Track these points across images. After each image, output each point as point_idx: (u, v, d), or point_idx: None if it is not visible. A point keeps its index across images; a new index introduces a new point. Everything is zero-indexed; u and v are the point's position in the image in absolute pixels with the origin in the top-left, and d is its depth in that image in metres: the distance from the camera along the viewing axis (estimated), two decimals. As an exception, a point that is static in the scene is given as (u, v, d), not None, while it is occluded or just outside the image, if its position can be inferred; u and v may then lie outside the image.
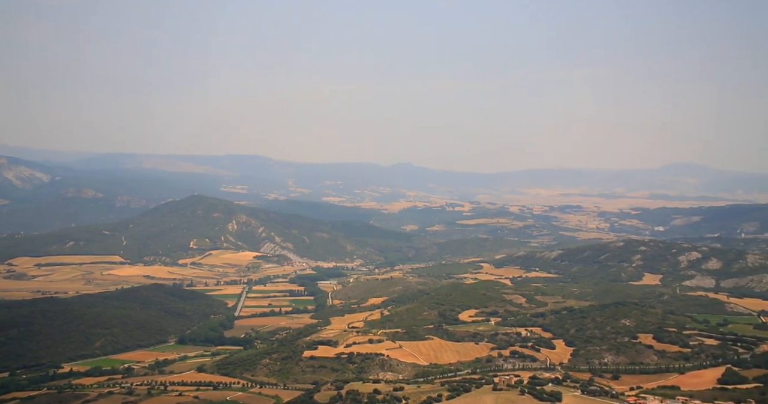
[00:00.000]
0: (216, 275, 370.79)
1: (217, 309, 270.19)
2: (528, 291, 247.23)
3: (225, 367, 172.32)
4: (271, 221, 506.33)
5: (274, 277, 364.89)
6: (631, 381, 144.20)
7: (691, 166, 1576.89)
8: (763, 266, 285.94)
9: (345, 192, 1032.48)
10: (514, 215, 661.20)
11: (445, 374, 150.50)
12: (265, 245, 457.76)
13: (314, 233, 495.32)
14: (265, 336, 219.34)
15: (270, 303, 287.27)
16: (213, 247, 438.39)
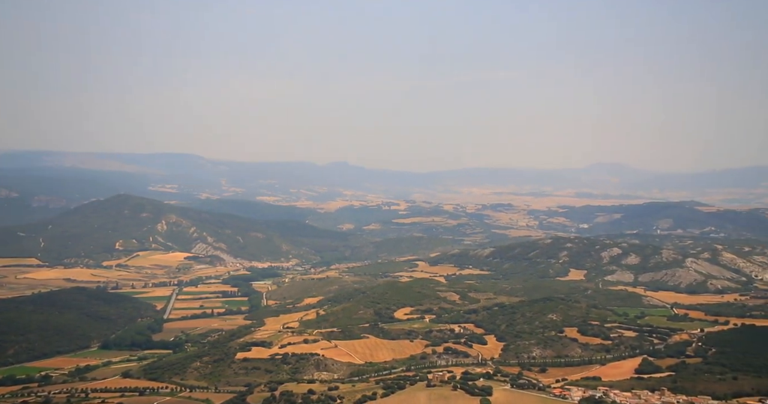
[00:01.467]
0: (144, 277, 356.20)
1: (144, 311, 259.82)
2: (461, 288, 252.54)
3: (153, 372, 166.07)
4: (203, 220, 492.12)
5: (207, 278, 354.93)
6: (557, 374, 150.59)
7: (614, 166, 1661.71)
8: (676, 261, 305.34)
9: (280, 191, 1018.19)
10: (449, 213, 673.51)
11: (380, 372, 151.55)
12: (196, 246, 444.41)
13: (249, 233, 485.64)
14: (197, 339, 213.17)
15: (202, 304, 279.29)
16: (141, 248, 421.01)
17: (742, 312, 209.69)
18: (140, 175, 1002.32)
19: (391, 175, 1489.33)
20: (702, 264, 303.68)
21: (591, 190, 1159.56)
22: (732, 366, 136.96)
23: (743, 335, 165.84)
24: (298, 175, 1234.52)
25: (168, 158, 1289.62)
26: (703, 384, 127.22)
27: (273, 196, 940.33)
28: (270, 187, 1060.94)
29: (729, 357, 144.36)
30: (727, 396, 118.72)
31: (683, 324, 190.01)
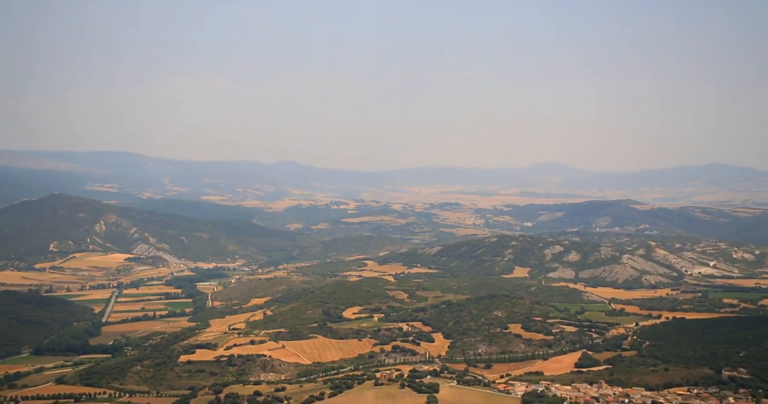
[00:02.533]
0: (80, 279, 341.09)
1: (81, 315, 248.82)
2: (410, 287, 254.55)
3: (89, 377, 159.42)
4: (145, 221, 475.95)
5: (149, 280, 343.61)
6: (501, 369, 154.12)
7: (556, 165, 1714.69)
8: (613, 258, 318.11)
9: (227, 191, 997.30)
10: (398, 212, 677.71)
11: (328, 372, 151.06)
12: (138, 247, 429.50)
13: (193, 233, 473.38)
14: (137, 342, 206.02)
15: (143, 307, 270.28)
16: (77, 250, 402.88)
17: (674, 306, 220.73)
18: (77, 174, 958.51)
19: (340, 174, 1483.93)
20: (637, 261, 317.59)
21: (534, 189, 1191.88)
22: (663, 358, 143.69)
23: (674, 328, 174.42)
24: (245, 174, 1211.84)
25: (107, 156, 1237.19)
26: (638, 376, 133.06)
27: (219, 195, 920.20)
28: (216, 186, 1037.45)
29: (661, 350, 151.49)
30: (658, 387, 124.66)
31: (620, 319, 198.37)
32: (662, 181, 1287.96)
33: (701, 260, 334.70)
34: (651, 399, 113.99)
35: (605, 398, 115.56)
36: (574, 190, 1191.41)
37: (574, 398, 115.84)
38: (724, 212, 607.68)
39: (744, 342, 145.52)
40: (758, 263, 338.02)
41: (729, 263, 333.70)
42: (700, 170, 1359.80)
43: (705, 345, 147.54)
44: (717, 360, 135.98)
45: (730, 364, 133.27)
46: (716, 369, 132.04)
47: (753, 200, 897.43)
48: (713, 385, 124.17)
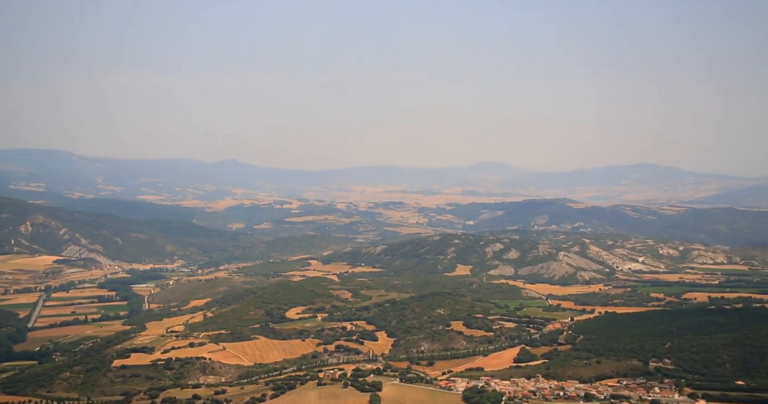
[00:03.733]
0: (4, 283, 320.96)
1: (5, 320, 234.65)
2: (354, 286, 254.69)
3: (13, 385, 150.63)
4: (75, 221, 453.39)
5: (80, 282, 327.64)
6: (443, 366, 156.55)
7: (496, 165, 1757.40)
8: (550, 255, 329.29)
9: (164, 190, 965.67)
10: (342, 211, 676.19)
11: (271, 373, 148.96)
12: (68, 248, 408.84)
13: (129, 234, 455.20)
14: (67, 348, 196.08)
15: (74, 310, 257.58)
16: (0, 252, 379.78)
17: (606, 301, 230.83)
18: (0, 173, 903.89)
19: (283, 173, 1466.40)
20: (573, 258, 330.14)
21: (476, 188, 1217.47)
22: (596, 352, 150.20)
23: (606, 322, 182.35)
24: (184, 173, 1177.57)
25: (34, 154, 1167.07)
26: (572, 370, 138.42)
27: (156, 195, 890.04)
28: (153, 185, 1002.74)
29: (594, 343, 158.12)
30: (591, 379, 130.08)
31: (556, 314, 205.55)
32: (596, 180, 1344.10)
33: (631, 257, 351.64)
34: (584, 391, 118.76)
35: (542, 392, 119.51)
36: (513, 189, 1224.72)
37: (512, 392, 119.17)
38: (652, 210, 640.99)
39: (669, 334, 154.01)
40: (682, 258, 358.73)
41: (656, 259, 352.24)
42: (629, 170, 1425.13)
43: (634, 338, 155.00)
44: (645, 352, 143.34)
45: (657, 356, 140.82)
46: (644, 360, 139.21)
47: (677, 198, 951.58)
48: (641, 376, 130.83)
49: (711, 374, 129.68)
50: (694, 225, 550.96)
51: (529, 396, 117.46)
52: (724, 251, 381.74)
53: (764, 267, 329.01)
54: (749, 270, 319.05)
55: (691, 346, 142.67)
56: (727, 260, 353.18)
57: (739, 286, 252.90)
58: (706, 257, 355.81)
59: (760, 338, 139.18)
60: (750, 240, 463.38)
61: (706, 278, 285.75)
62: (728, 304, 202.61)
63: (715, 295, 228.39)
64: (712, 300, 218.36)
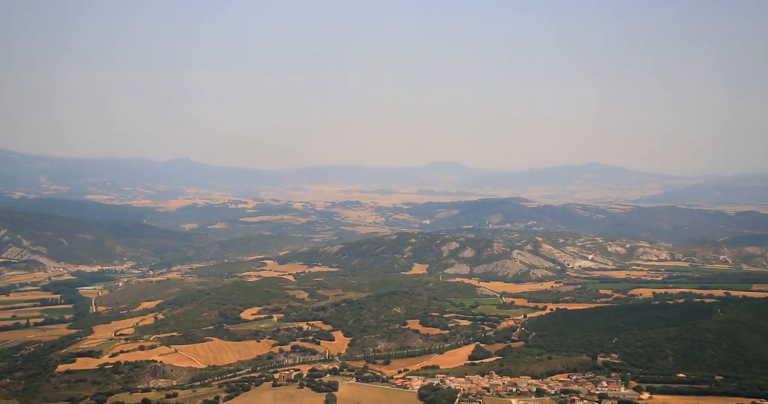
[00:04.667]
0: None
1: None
2: (310, 286, 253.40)
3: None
4: (16, 222, 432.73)
5: (21, 285, 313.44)
6: (400, 365, 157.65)
7: (451, 164, 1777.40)
8: (505, 253, 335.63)
9: (113, 190, 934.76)
10: (298, 211, 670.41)
11: (225, 375, 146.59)
12: (8, 250, 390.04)
13: (75, 235, 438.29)
14: (7, 353, 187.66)
15: (14, 314, 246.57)
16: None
17: (557, 298, 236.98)
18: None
19: (238, 172, 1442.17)
20: (526, 256, 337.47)
21: (433, 187, 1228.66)
22: (548, 347, 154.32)
23: (557, 318, 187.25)
24: (134, 172, 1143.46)
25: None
26: (525, 366, 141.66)
27: (105, 195, 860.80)
28: (101, 185, 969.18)
29: (546, 340, 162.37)
30: (543, 375, 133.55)
31: (510, 311, 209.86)
32: (548, 180, 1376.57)
33: (581, 254, 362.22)
34: (536, 386, 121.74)
35: (495, 388, 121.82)
36: (469, 188, 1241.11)
37: (467, 389, 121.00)
38: (601, 208, 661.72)
39: (616, 330, 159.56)
40: (629, 255, 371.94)
41: (605, 256, 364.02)
42: (579, 169, 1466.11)
43: (583, 334, 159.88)
44: (593, 348, 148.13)
45: (605, 350, 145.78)
46: (593, 355, 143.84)
47: (625, 197, 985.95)
48: (590, 371, 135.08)
49: (655, 367, 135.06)
50: (640, 223, 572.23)
51: (483, 393, 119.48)
52: (667, 248, 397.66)
53: (704, 264, 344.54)
54: (690, 267, 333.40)
55: (637, 341, 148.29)
56: (670, 256, 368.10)
57: (681, 282, 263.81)
58: (651, 255, 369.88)
59: (699, 331, 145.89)
60: (691, 237, 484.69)
61: (651, 275, 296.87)
62: (671, 299, 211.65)
63: (659, 291, 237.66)
64: (657, 296, 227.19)
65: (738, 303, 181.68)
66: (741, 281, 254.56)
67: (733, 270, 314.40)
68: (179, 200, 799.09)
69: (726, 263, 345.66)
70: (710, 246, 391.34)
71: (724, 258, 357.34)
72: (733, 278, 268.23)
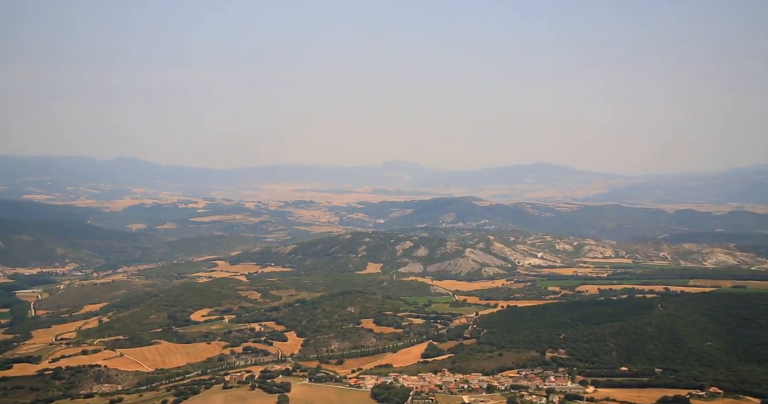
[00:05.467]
0: None
1: None
2: (263, 286, 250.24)
3: None
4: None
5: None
6: (353, 364, 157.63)
7: (405, 164, 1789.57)
8: (458, 252, 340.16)
9: (54, 189, 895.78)
10: (251, 211, 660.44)
11: (173, 378, 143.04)
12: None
13: (12, 236, 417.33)
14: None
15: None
16: None
17: (508, 295, 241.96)
18: None
19: (187, 171, 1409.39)
20: (478, 254, 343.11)
21: (386, 186, 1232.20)
22: (498, 344, 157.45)
23: (508, 315, 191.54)
24: (76, 171, 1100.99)
25: None
26: (476, 363, 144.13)
27: (45, 195, 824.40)
28: (41, 184, 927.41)
29: (497, 336, 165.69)
30: (494, 371, 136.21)
31: (462, 309, 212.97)
32: (499, 179, 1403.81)
33: (531, 252, 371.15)
34: (486, 383, 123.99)
35: (447, 385, 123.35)
36: (423, 187, 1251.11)
37: (419, 387, 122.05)
38: (549, 207, 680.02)
39: (563, 326, 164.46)
40: (576, 253, 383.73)
41: (553, 254, 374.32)
42: (529, 169, 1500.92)
43: (533, 330, 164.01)
44: (542, 343, 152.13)
45: (553, 346, 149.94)
46: (541, 351, 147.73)
47: (572, 196, 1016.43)
48: (538, 366, 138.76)
49: (599, 361, 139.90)
50: (586, 221, 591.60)
51: (436, 390, 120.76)
52: (612, 245, 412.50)
53: (646, 260, 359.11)
54: (633, 263, 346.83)
55: (583, 336, 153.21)
56: (614, 254, 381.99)
57: (625, 278, 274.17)
58: (596, 252, 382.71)
59: (641, 326, 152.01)
60: (634, 235, 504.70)
61: (597, 272, 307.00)
62: (615, 295, 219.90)
63: (604, 287, 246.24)
64: (602, 292, 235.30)
65: (676, 297, 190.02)
66: (679, 276, 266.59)
67: (672, 266, 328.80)
68: (125, 199, 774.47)
69: (666, 260, 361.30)
70: (651, 243, 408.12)
71: (664, 255, 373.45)
72: (672, 274, 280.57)
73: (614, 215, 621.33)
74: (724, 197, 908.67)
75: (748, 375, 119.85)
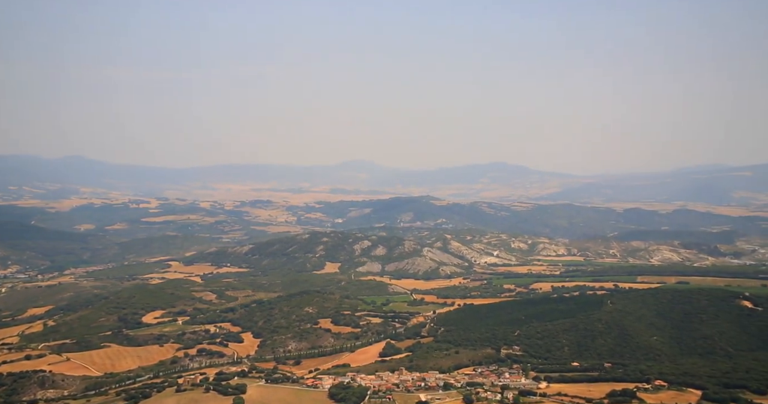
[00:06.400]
0: None
1: None
2: (219, 287, 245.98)
3: None
4: None
5: None
6: (311, 364, 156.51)
7: (363, 163, 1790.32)
8: (415, 251, 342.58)
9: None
10: (206, 211, 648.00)
11: (123, 382, 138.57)
12: None
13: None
14: None
15: None
16: None
17: (465, 294, 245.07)
18: None
19: (139, 170, 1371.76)
20: (436, 253, 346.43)
21: (345, 186, 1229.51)
22: (455, 342, 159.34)
23: (465, 313, 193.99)
24: (19, 170, 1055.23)
25: None
26: (433, 361, 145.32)
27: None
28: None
29: (453, 334, 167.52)
30: (450, 369, 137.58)
31: (420, 308, 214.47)
32: (456, 178, 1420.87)
33: (487, 251, 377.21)
34: (443, 380, 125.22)
35: (405, 384, 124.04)
36: (381, 187, 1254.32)
37: (377, 386, 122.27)
38: (505, 206, 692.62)
39: (518, 323, 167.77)
40: (530, 251, 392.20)
41: (508, 252, 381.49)
42: (485, 168, 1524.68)
43: (488, 328, 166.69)
44: (497, 341, 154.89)
45: (507, 343, 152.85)
46: (497, 348, 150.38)
47: (526, 195, 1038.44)
48: (494, 363, 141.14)
49: (552, 357, 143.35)
50: (540, 220, 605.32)
51: (393, 389, 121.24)
52: (564, 243, 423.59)
53: (596, 258, 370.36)
54: (584, 261, 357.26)
55: (537, 333, 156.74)
56: (567, 252, 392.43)
57: (577, 276, 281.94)
58: (550, 250, 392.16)
59: (592, 322, 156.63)
60: (585, 233, 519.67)
61: (550, 269, 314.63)
62: (567, 292, 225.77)
63: (557, 285, 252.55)
64: (555, 289, 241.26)
65: (625, 294, 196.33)
66: (628, 273, 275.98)
67: (621, 263, 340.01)
68: (73, 199, 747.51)
69: (615, 257, 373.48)
70: (602, 241, 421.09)
71: (614, 252, 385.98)
72: (621, 270, 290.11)
73: (567, 213, 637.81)
74: (670, 195, 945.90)
75: (690, 367, 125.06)
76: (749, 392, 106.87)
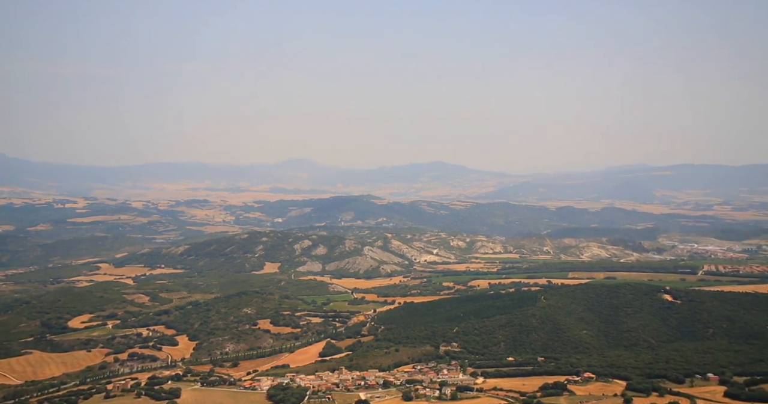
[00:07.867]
0: None
1: None
2: (152, 289, 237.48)
3: None
4: None
5: None
6: (249, 366, 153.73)
7: (303, 162, 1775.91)
8: (356, 250, 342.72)
9: None
10: (138, 210, 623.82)
11: (46, 390, 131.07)
12: None
13: None
14: None
15: None
16: None
17: (405, 292, 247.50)
18: None
19: (66, 169, 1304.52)
20: (376, 252, 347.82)
21: (284, 185, 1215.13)
22: (395, 340, 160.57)
23: (405, 312, 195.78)
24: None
25: None
26: (373, 359, 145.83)
27: None
28: None
29: (393, 333, 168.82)
30: (390, 367, 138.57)
31: (361, 307, 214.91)
32: (397, 178, 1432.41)
33: (427, 249, 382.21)
34: (383, 379, 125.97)
35: (344, 383, 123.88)
36: (321, 186, 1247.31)
37: (317, 386, 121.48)
38: (444, 205, 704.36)
39: (456, 320, 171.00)
40: (469, 249, 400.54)
41: (448, 250, 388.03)
42: (425, 168, 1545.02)
43: (428, 325, 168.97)
44: (436, 338, 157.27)
45: (446, 340, 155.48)
46: (435, 345, 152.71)
47: (465, 194, 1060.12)
48: (433, 360, 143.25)
49: (489, 353, 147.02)
50: (478, 218, 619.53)
51: (333, 389, 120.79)
52: (501, 241, 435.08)
53: (531, 255, 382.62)
54: (520, 258, 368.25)
55: (474, 329, 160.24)
56: (504, 249, 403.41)
57: (512, 272, 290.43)
58: (487, 248, 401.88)
59: (526, 317, 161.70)
60: (521, 231, 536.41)
61: (487, 267, 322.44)
62: (504, 289, 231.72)
63: (494, 282, 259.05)
64: (492, 286, 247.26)
65: (557, 289, 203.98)
66: (560, 270, 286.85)
67: (554, 260, 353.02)
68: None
69: (549, 254, 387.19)
70: (536, 239, 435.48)
71: (547, 249, 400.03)
72: (553, 267, 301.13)
73: (503, 212, 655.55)
74: (600, 194, 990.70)
75: (616, 359, 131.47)
76: (669, 381, 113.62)
